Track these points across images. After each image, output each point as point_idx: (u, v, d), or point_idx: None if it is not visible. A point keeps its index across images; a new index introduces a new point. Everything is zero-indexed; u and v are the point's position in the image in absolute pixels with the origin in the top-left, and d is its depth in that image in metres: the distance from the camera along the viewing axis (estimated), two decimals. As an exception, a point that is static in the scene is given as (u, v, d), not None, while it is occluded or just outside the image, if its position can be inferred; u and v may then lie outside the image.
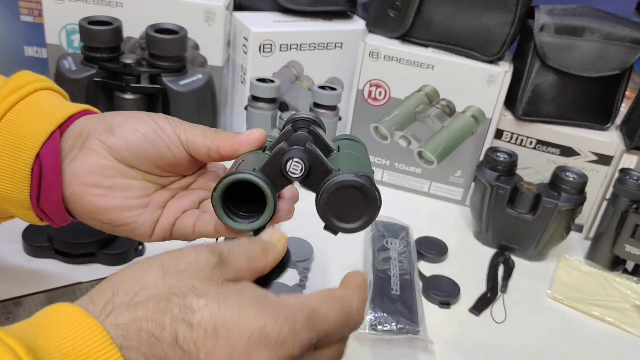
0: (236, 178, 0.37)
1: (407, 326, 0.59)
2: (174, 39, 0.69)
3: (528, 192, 0.71)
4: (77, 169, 0.41)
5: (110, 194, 0.42)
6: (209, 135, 0.42)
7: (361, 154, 0.42)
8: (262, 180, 0.37)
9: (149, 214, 0.43)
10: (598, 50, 0.73)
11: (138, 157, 0.42)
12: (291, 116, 0.42)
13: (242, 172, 0.37)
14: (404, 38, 0.79)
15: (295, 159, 0.37)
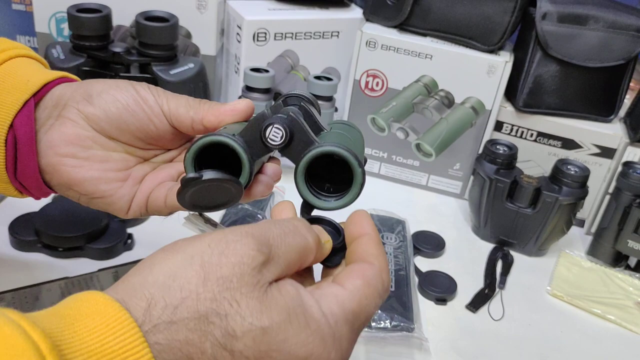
0: (210, 139, 0.35)
1: (402, 323, 0.57)
2: (165, 27, 0.68)
3: (528, 186, 0.69)
4: (53, 139, 0.39)
5: (86, 165, 0.40)
6: (193, 106, 0.40)
7: (354, 136, 0.40)
8: (237, 144, 0.35)
9: (127, 188, 0.41)
10: (602, 39, 0.71)
11: (118, 128, 0.40)
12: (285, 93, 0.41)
13: (218, 134, 0.35)
14: (402, 27, 0.77)
15: (276, 124, 0.35)
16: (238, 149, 0.35)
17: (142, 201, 0.41)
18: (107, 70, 0.69)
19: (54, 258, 0.60)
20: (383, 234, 0.70)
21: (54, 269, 0.59)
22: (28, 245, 0.61)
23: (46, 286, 0.56)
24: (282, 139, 0.35)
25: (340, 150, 0.34)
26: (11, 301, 0.53)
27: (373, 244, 0.33)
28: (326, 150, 0.34)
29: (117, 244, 0.61)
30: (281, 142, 0.35)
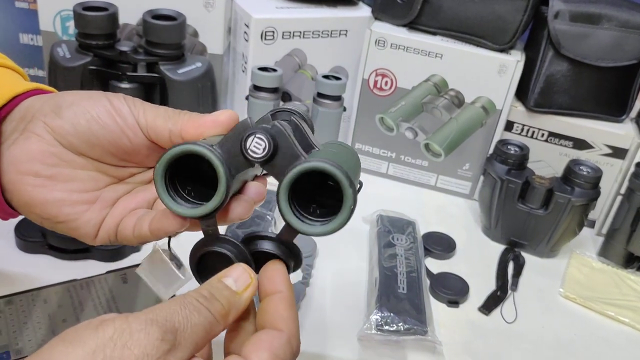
0: (183, 149, 0.31)
1: (415, 326, 0.56)
2: (172, 25, 0.67)
3: (540, 187, 0.69)
4: (15, 154, 0.36)
5: (49, 185, 0.36)
6: (171, 117, 0.36)
7: (348, 157, 0.35)
8: (213, 154, 0.31)
9: (94, 212, 0.38)
10: (614, 38, 0.70)
11: (87, 142, 0.36)
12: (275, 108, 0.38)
13: (193, 143, 0.31)
14: (412, 25, 0.76)
15: (258, 134, 0.31)
16: (214, 160, 0.31)
17: (112, 228, 0.38)
18: (113, 69, 0.68)
19: (61, 260, 0.60)
20: (393, 235, 0.69)
21: (60, 271, 0.58)
22: (34, 247, 0.60)
23: (53, 289, 0.55)
24: (265, 151, 0.31)
25: (329, 167, 0.30)
26: (19, 304, 0.53)
27: (284, 306, 0.32)
28: (314, 166, 0.30)
29: (125, 246, 0.60)
30: (263, 154, 0.31)
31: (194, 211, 0.33)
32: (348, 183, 0.30)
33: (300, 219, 0.32)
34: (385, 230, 0.69)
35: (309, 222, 0.32)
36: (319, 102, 0.76)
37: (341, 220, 0.31)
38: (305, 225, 0.32)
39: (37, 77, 0.86)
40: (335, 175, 0.30)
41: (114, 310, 0.54)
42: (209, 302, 0.30)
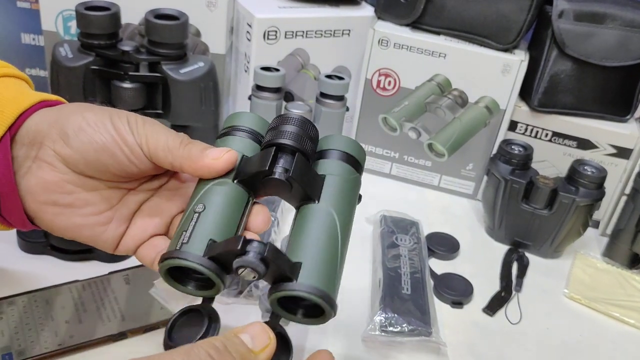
0: (179, 264, 0.33)
1: (419, 327, 0.56)
2: (175, 25, 0.66)
3: (544, 187, 0.68)
4: (31, 185, 0.37)
5: (68, 212, 0.38)
6: (172, 151, 0.37)
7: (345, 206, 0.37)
8: (209, 271, 0.33)
9: (111, 232, 0.40)
10: (619, 37, 0.70)
11: (98, 170, 0.38)
12: (273, 134, 0.38)
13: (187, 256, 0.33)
14: (415, 25, 0.76)
15: (250, 267, 0.33)
16: (211, 276, 0.34)
17: (131, 248, 0.40)
18: (116, 69, 0.67)
19: (63, 261, 0.59)
20: (397, 235, 0.68)
21: (63, 272, 0.57)
22: (37, 248, 0.59)
23: (56, 290, 0.55)
24: (255, 278, 0.33)
25: (312, 297, 0.32)
26: (21, 305, 0.52)
27: None
28: (298, 294, 0.33)
29: (128, 247, 0.60)
30: (254, 279, 0.34)
31: (201, 293, 0.36)
32: (329, 307, 0.33)
33: (288, 310, 0.35)
34: (388, 231, 0.69)
35: (295, 316, 0.35)
36: (321, 102, 0.76)
37: (322, 322, 0.35)
38: (291, 316, 0.35)
39: (39, 77, 0.85)
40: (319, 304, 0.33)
41: (116, 311, 0.53)
42: (220, 356, 0.28)
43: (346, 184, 0.39)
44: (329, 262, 0.35)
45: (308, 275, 0.33)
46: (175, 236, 0.35)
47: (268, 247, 0.33)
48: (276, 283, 0.34)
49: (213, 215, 0.35)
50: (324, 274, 0.34)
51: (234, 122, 0.41)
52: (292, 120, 0.39)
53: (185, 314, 0.35)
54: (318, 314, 0.34)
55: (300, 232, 0.36)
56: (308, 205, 0.37)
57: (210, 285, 0.35)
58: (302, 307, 0.35)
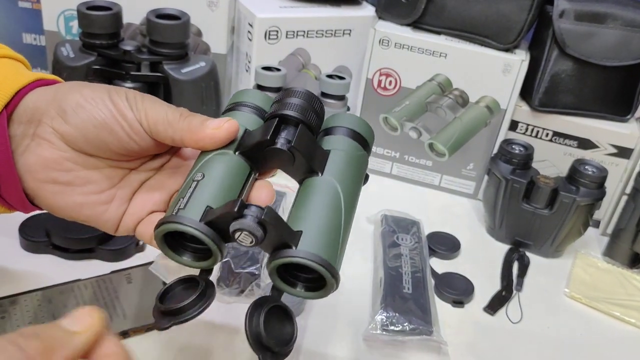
0: (174, 228, 0.33)
1: (420, 326, 0.56)
2: (176, 25, 0.67)
3: (545, 187, 0.68)
4: (30, 163, 0.37)
5: (68, 191, 0.37)
6: (172, 124, 0.36)
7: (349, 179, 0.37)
8: (204, 235, 0.32)
9: (112, 212, 0.39)
10: (620, 37, 0.70)
11: (97, 147, 0.37)
12: (277, 106, 0.37)
13: (182, 220, 0.32)
14: (416, 25, 0.76)
15: (245, 231, 0.32)
16: (205, 240, 0.32)
17: (130, 227, 0.40)
18: (117, 68, 0.68)
19: (65, 260, 0.59)
20: (398, 235, 0.69)
21: (65, 271, 0.57)
22: (39, 247, 0.60)
23: (58, 289, 0.55)
24: (252, 243, 0.32)
25: (313, 265, 0.32)
26: (23, 304, 0.52)
27: None
28: (298, 261, 0.32)
29: (129, 246, 0.60)
30: (251, 245, 0.33)
31: (198, 264, 0.35)
32: (330, 276, 0.32)
33: (288, 283, 0.34)
34: (389, 230, 0.69)
35: (296, 288, 0.34)
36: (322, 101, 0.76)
37: (322, 295, 0.34)
38: (291, 289, 0.34)
39: (40, 76, 0.86)
40: (320, 272, 0.32)
41: (118, 309, 0.54)
42: (26, 341, 0.26)
43: (352, 159, 0.38)
44: (332, 231, 0.34)
45: (309, 243, 0.32)
46: (172, 203, 0.35)
47: (266, 211, 0.32)
48: (275, 251, 0.33)
49: (212, 183, 0.35)
50: (325, 242, 0.33)
51: (238, 99, 0.40)
52: (297, 93, 0.38)
53: (182, 283, 0.34)
54: (319, 286, 0.33)
55: (301, 203, 0.35)
56: (311, 177, 0.36)
57: (207, 256, 0.34)
58: (303, 280, 0.34)
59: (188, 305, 0.33)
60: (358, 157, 0.38)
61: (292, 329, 0.34)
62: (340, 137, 0.39)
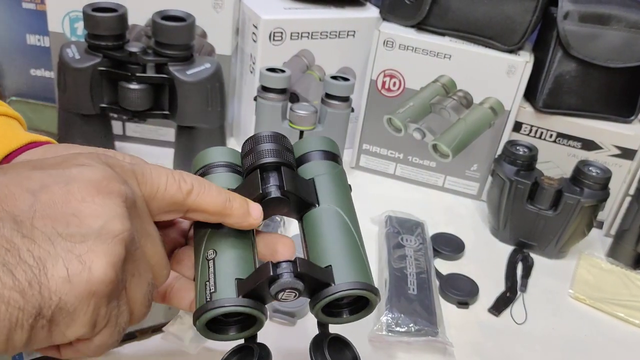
0: (217, 313, 0.32)
1: (425, 327, 0.56)
2: (182, 26, 0.67)
3: (549, 188, 0.68)
4: None
5: None
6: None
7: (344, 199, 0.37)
8: (250, 308, 0.32)
9: None
10: (624, 39, 0.70)
11: None
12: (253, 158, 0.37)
13: (222, 303, 0.32)
14: (420, 26, 0.76)
15: (287, 290, 0.32)
16: (254, 314, 0.32)
17: None
18: (123, 70, 0.68)
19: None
20: (402, 236, 0.69)
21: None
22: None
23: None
24: (296, 297, 0.33)
25: (357, 293, 0.32)
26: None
27: None
28: (342, 295, 0.32)
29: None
30: (294, 299, 0.33)
31: (245, 334, 0.34)
32: (375, 295, 0.33)
33: (331, 314, 0.35)
34: (394, 231, 0.69)
35: (338, 316, 0.35)
36: (327, 103, 0.76)
37: (369, 312, 0.35)
38: (336, 319, 0.35)
39: (44, 77, 0.86)
40: (367, 297, 0.33)
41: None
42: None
43: (335, 178, 0.39)
44: (355, 254, 0.35)
45: (343, 275, 0.33)
46: (199, 290, 0.33)
47: (299, 262, 0.32)
48: (315, 293, 0.33)
49: (228, 255, 0.34)
50: (355, 267, 0.34)
51: (205, 161, 0.39)
52: (265, 138, 0.38)
53: (235, 354, 0.34)
54: (363, 306, 0.34)
55: (315, 238, 0.35)
56: (310, 211, 0.37)
57: (250, 323, 0.34)
58: (345, 306, 0.35)
59: None
60: (338, 174, 0.39)
61: (353, 353, 0.35)
62: (315, 163, 0.39)
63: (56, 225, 0.25)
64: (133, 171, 0.30)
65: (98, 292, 0.25)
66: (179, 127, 0.73)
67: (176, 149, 0.76)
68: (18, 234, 0.24)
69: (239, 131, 0.88)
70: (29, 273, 0.24)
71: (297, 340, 0.54)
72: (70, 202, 0.26)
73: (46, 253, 0.24)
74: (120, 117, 0.81)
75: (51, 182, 0.26)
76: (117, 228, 0.26)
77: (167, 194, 0.32)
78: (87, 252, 0.25)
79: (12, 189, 0.25)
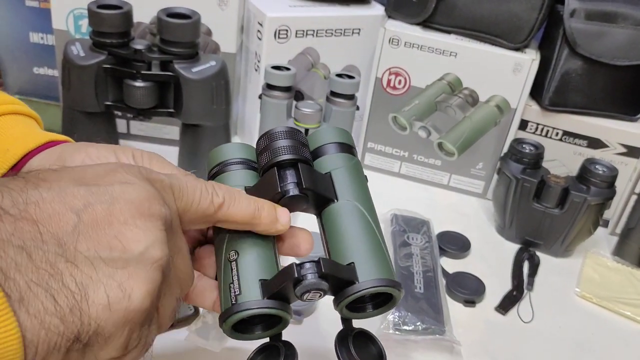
0: (244, 316, 0.32)
1: (433, 326, 0.56)
2: (187, 24, 0.66)
3: (556, 186, 0.68)
4: None
5: None
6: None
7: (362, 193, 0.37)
8: (277, 310, 0.32)
9: None
10: (630, 37, 0.70)
11: None
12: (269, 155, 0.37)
13: (248, 305, 0.32)
14: (426, 23, 0.76)
15: (312, 291, 0.32)
16: (276, 313, 0.33)
17: None
18: (128, 67, 0.67)
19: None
20: (408, 234, 0.69)
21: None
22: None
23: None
24: (321, 297, 0.33)
25: (381, 289, 0.33)
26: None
27: None
28: (366, 293, 0.33)
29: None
30: (319, 299, 0.33)
31: (270, 332, 0.35)
32: (398, 291, 0.33)
33: (354, 310, 0.35)
34: (400, 230, 0.69)
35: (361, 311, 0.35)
36: (332, 101, 0.76)
37: (393, 306, 0.35)
38: (359, 314, 0.35)
39: (47, 76, 0.86)
40: (391, 293, 0.33)
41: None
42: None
43: (353, 171, 0.38)
44: (377, 250, 0.34)
45: (366, 272, 0.33)
46: (223, 292, 0.34)
47: (323, 263, 0.32)
48: (339, 291, 0.33)
49: (250, 256, 0.34)
50: (378, 263, 0.34)
51: (221, 158, 0.39)
52: (280, 134, 0.37)
53: (260, 352, 0.34)
54: (386, 300, 0.34)
55: (336, 234, 0.35)
56: (330, 207, 0.37)
57: (275, 322, 0.34)
58: (368, 301, 0.35)
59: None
60: (355, 166, 0.39)
61: (378, 347, 0.35)
62: (331, 156, 0.39)
63: (99, 249, 0.25)
64: (171, 186, 0.30)
65: (135, 319, 0.26)
66: (184, 125, 0.72)
67: (181, 147, 0.75)
68: (62, 259, 0.24)
69: (244, 129, 0.87)
70: (70, 299, 0.24)
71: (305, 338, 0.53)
72: (113, 224, 0.26)
73: (88, 279, 0.24)
74: (124, 115, 0.81)
75: (94, 200, 0.26)
76: (157, 255, 0.26)
77: (200, 208, 0.31)
78: (127, 279, 0.25)
79: (56, 208, 0.25)
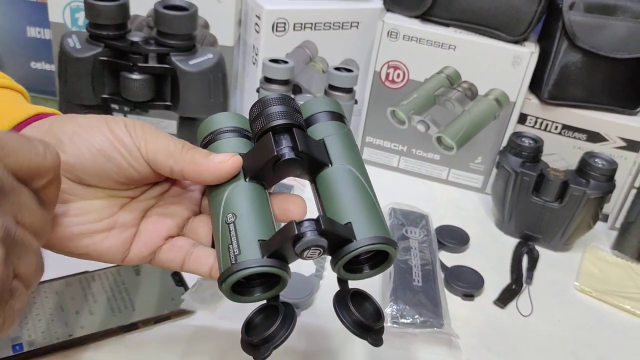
0: (244, 275, 0.32)
1: (431, 319, 0.56)
2: (184, 16, 0.66)
3: (555, 179, 0.68)
4: None
5: (65, 222, 0.35)
6: (173, 154, 0.36)
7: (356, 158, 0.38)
8: (277, 268, 0.33)
9: (114, 237, 0.37)
10: (630, 29, 0.70)
11: (96, 175, 0.36)
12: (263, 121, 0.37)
13: (248, 264, 0.32)
14: (424, 17, 0.76)
15: (312, 248, 0.33)
16: (278, 273, 0.33)
17: (145, 255, 0.38)
18: (124, 60, 0.67)
19: (73, 252, 0.59)
20: (407, 228, 0.68)
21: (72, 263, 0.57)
22: (46, 239, 0.59)
23: (65, 280, 0.54)
24: (320, 254, 0.33)
25: (378, 247, 0.33)
26: (31, 296, 0.52)
27: None
28: (364, 250, 0.33)
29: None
30: (318, 256, 0.34)
31: (269, 294, 0.35)
32: (394, 249, 0.34)
33: (350, 271, 0.35)
34: (398, 224, 0.69)
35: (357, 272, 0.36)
36: (330, 94, 0.75)
37: (388, 266, 0.35)
38: (355, 275, 0.36)
39: (45, 70, 0.85)
40: (387, 250, 0.34)
41: (127, 301, 0.53)
42: None
43: (345, 138, 0.39)
44: (372, 209, 0.35)
45: (363, 230, 0.33)
46: (222, 254, 0.34)
47: (322, 220, 0.32)
48: (336, 250, 0.33)
49: (248, 218, 0.34)
50: (374, 222, 0.34)
51: (213, 127, 0.39)
52: (273, 101, 0.38)
53: (260, 312, 0.35)
54: (382, 260, 0.35)
55: (331, 196, 0.36)
56: (324, 171, 0.37)
57: (274, 284, 0.34)
58: (364, 262, 0.35)
59: (276, 330, 0.33)
60: (347, 133, 0.40)
61: (374, 305, 0.36)
62: (323, 124, 0.39)
63: None
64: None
65: None
66: (181, 118, 0.72)
67: (178, 141, 0.75)
68: None
69: (241, 124, 0.87)
70: None
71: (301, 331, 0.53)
72: None
73: None
74: (121, 109, 0.80)
75: None
76: None
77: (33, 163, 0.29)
78: None
79: None
